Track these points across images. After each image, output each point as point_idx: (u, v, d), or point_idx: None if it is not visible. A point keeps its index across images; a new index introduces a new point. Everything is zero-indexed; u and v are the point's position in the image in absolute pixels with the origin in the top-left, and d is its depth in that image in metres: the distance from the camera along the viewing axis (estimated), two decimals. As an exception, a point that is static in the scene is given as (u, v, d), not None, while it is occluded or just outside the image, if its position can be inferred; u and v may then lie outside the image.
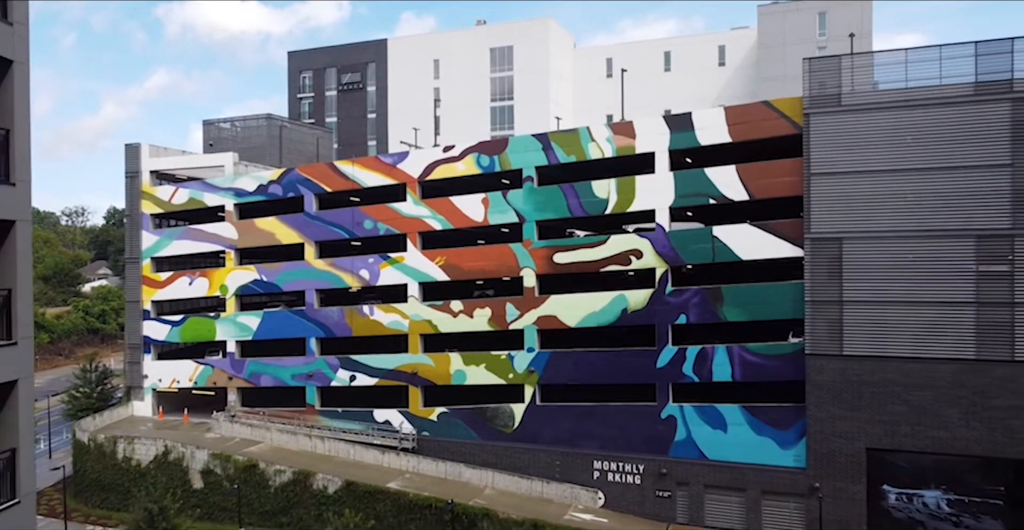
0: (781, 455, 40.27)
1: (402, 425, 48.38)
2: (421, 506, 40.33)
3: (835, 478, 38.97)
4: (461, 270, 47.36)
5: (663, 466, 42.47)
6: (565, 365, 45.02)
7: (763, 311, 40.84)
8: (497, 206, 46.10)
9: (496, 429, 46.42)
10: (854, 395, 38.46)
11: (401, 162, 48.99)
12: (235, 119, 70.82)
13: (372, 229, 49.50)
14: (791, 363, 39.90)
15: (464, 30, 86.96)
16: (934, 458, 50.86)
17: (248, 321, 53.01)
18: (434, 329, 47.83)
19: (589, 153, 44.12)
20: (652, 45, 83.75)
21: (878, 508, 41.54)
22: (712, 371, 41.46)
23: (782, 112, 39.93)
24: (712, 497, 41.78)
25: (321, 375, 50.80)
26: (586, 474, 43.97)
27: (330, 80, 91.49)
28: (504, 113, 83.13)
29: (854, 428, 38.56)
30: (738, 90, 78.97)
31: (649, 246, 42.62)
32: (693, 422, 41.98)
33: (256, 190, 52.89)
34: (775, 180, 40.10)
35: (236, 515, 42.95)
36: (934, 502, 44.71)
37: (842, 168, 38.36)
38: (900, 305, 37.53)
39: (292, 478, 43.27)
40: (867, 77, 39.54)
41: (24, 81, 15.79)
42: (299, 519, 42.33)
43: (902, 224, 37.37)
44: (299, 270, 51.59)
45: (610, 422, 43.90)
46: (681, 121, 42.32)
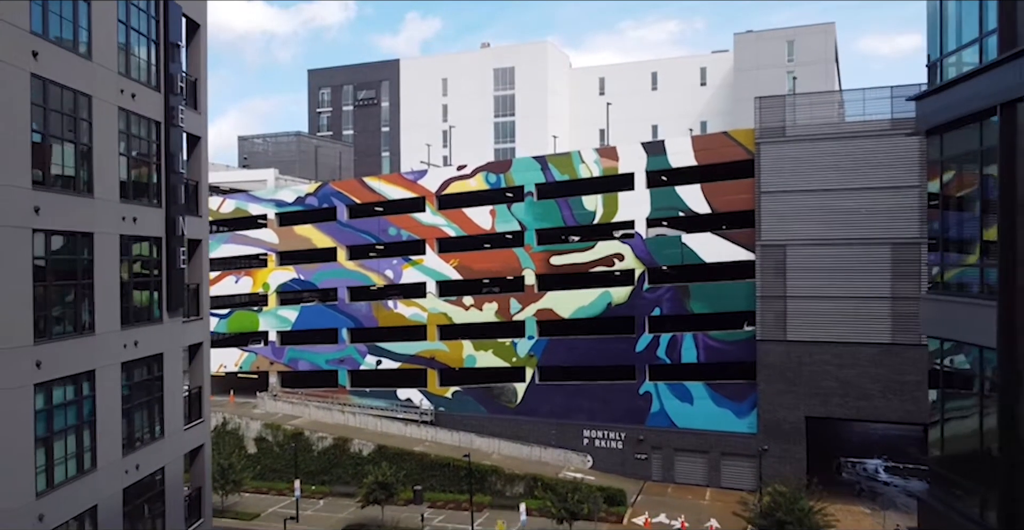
0: (737, 423, 48.60)
1: (421, 402, 56.84)
2: (441, 464, 48.89)
3: (780, 441, 47.25)
4: (472, 270, 55.78)
5: (641, 433, 50.82)
6: (560, 350, 53.33)
7: (722, 304, 49.10)
8: (503, 216, 54.49)
9: (502, 404, 54.84)
10: (795, 373, 46.76)
11: (421, 178, 57.46)
12: (267, 135, 79.24)
13: (395, 235, 57.88)
14: (745, 347, 48.18)
15: (470, 52, 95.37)
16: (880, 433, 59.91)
17: (287, 314, 61.43)
18: (449, 320, 56.20)
19: (580, 173, 52.55)
20: (640, 66, 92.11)
21: (830, 472, 49.95)
22: (681, 354, 49.57)
23: (738, 141, 48.39)
24: (681, 459, 50.13)
25: (352, 360, 59.28)
26: (577, 441, 52.35)
27: (347, 96, 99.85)
28: (506, 128, 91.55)
29: (795, 400, 46.87)
30: (718, 108, 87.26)
31: (629, 251, 51.03)
32: (665, 397, 50.37)
33: (295, 201, 61.34)
34: (732, 197, 48.46)
35: (284, 475, 51.43)
36: (873, 468, 53.43)
37: (786, 187, 46.55)
38: (832, 299, 45.71)
39: (332, 443, 51.83)
40: (808, 112, 48.02)
41: (206, 152, 24.39)
42: (339, 477, 50.87)
43: (834, 233, 45.47)
44: (332, 270, 59.98)
45: (597, 397, 52.23)
46: (656, 147, 50.83)
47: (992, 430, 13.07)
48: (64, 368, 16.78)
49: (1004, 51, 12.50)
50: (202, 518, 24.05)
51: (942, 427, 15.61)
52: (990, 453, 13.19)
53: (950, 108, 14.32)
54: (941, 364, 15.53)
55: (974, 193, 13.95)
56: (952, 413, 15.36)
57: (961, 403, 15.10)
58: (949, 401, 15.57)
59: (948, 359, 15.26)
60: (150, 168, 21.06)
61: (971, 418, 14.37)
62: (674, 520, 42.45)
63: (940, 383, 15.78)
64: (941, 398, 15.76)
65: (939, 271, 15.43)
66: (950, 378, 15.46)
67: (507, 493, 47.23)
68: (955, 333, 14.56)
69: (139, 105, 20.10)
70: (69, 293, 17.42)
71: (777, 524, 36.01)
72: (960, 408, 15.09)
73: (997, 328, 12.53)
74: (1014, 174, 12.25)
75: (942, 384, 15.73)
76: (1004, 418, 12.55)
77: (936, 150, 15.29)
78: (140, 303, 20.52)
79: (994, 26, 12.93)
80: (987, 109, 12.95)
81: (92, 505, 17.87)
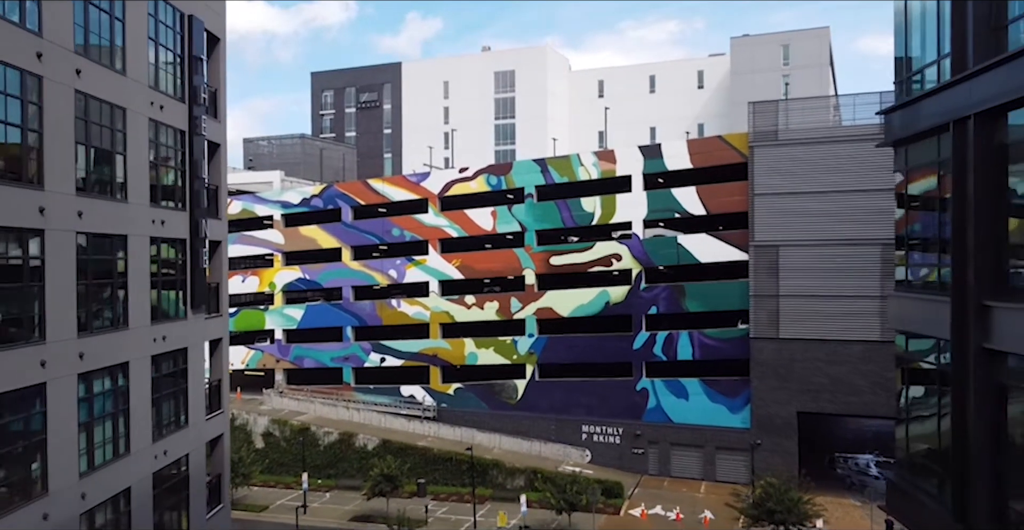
0: (731, 418, 50.09)
1: (424, 398, 58.32)
2: (444, 458, 50.36)
3: (773, 436, 48.74)
4: (474, 270, 57.24)
5: (638, 429, 52.30)
6: (559, 348, 54.78)
7: (717, 303, 50.60)
8: (504, 218, 55.95)
9: (503, 401, 56.30)
10: (787, 370, 48.21)
11: (424, 181, 58.93)
12: (272, 137, 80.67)
13: (399, 236, 59.35)
14: (739, 345, 49.68)
15: (471, 56, 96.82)
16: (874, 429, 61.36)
17: (293, 313, 62.89)
18: (451, 319, 57.66)
19: (579, 175, 54.03)
20: (638, 69, 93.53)
21: (823, 467, 51.36)
22: (677, 351, 51.06)
23: (732, 145, 49.88)
24: (677, 453, 51.63)
25: (356, 358, 60.75)
26: (576, 436, 53.80)
27: (349, 98, 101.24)
28: (507, 130, 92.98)
29: (787, 396, 48.34)
30: (715, 110, 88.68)
31: (627, 251, 52.50)
32: (662, 393, 51.85)
33: (300, 202, 62.81)
34: (726, 199, 49.94)
35: (291, 469, 52.90)
36: (865, 463, 54.82)
37: (778, 190, 48.07)
38: (823, 298, 47.17)
39: (338, 438, 53.30)
40: (800, 117, 49.50)
41: (225, 159, 25.84)
42: (344, 470, 52.33)
43: (824, 234, 46.89)
44: (337, 270, 61.46)
45: (595, 394, 53.66)
46: (652, 150, 52.31)
47: (947, 416, 14.51)
48: (103, 360, 18.24)
49: (956, 74, 13.96)
50: (221, 504, 25.51)
51: (907, 414, 17.08)
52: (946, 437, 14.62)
53: (912, 123, 15.79)
54: (906, 356, 16.99)
55: (933, 200, 15.41)
56: (915, 401, 16.82)
57: (922, 391, 16.56)
58: (913, 390, 17.04)
59: (912, 352, 16.72)
60: (176, 174, 22.52)
61: (931, 405, 15.83)
62: (669, 512, 43.89)
63: (905, 374, 17.25)
64: (907, 387, 17.23)
65: (904, 270, 16.90)
66: (913, 369, 16.93)
67: (508, 486, 48.69)
68: (917, 327, 16.02)
69: (166, 115, 21.56)
70: (106, 290, 18.88)
71: (768, 514, 37.49)
72: (922, 396, 16.56)
73: (951, 321, 13.99)
74: (964, 184, 13.70)
75: (907, 375, 17.20)
76: (956, 404, 14.00)
77: (902, 160, 16.76)
78: (167, 300, 21.97)
79: (948, 51, 14.39)
80: (942, 125, 14.41)
81: (126, 487, 19.33)
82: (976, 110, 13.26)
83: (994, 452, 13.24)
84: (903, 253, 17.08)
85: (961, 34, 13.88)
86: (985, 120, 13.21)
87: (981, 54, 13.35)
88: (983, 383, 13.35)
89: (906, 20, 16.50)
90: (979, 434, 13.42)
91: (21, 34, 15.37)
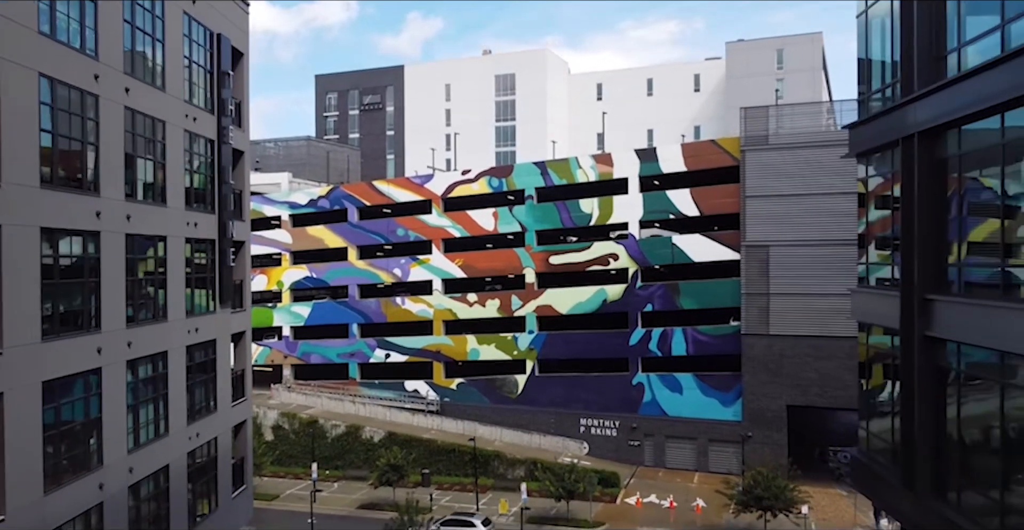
0: (723, 411, 52.12)
1: (428, 393, 60.35)
2: (447, 450, 52.39)
3: (763, 428, 50.74)
4: (476, 269, 59.26)
5: (634, 422, 54.31)
6: (558, 344, 56.81)
7: (710, 301, 52.62)
8: (505, 218, 57.96)
9: (504, 395, 58.30)
10: (777, 365, 50.23)
11: (427, 182, 60.95)
12: (279, 140, 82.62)
13: (403, 236, 61.36)
14: (731, 341, 51.66)
15: (472, 59, 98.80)
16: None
17: (300, 310, 64.92)
18: (454, 316, 59.69)
19: (577, 177, 56.06)
20: (636, 72, 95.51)
21: (813, 459, 53.36)
22: (671, 347, 53.07)
23: (724, 148, 51.90)
24: (671, 445, 53.67)
25: (362, 354, 62.78)
26: (574, 429, 55.84)
27: (353, 101, 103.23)
28: (507, 132, 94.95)
29: (777, 390, 50.34)
30: (711, 113, 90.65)
31: (624, 251, 54.52)
32: (657, 387, 53.86)
33: (307, 203, 64.82)
34: (719, 200, 51.95)
35: (300, 460, 54.89)
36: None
37: (769, 192, 50.03)
38: (811, 296, 49.06)
39: (345, 431, 55.33)
40: (790, 122, 51.51)
41: (247, 165, 27.84)
42: (351, 462, 54.37)
43: (812, 234, 48.79)
44: (343, 269, 63.48)
45: (593, 388, 55.74)
46: (648, 154, 54.33)
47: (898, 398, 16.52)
48: (146, 348, 20.26)
49: (904, 96, 15.96)
50: (245, 485, 27.53)
51: (867, 398, 19.10)
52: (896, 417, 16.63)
53: (870, 138, 17.80)
54: (867, 345, 19.01)
55: (887, 205, 17.42)
56: (874, 387, 18.84)
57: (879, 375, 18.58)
58: (873, 374, 19.06)
59: (870, 340, 18.73)
60: (206, 179, 24.53)
61: (886, 389, 17.85)
62: (663, 500, 45.88)
63: (867, 360, 19.26)
64: (868, 371, 19.25)
65: (864, 268, 18.92)
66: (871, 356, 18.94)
67: (509, 476, 50.71)
68: (873, 319, 18.03)
69: (199, 126, 23.57)
70: (149, 286, 20.89)
71: (755, 499, 39.52)
72: (878, 379, 18.58)
73: (900, 313, 16.00)
74: (911, 192, 15.70)
75: (868, 363, 19.21)
76: (904, 387, 16.00)
77: (863, 169, 18.78)
78: (199, 296, 23.98)
79: (899, 76, 16.40)
80: (894, 140, 16.41)
81: (165, 464, 21.35)
82: (920, 129, 15.27)
83: (936, 428, 15.24)
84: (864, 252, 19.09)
85: (909, 62, 15.88)
86: (927, 138, 15.22)
87: (924, 80, 15.35)
88: (925, 367, 15.36)
89: (867, 47, 18.53)
90: (923, 412, 15.42)
91: (82, 59, 17.38)
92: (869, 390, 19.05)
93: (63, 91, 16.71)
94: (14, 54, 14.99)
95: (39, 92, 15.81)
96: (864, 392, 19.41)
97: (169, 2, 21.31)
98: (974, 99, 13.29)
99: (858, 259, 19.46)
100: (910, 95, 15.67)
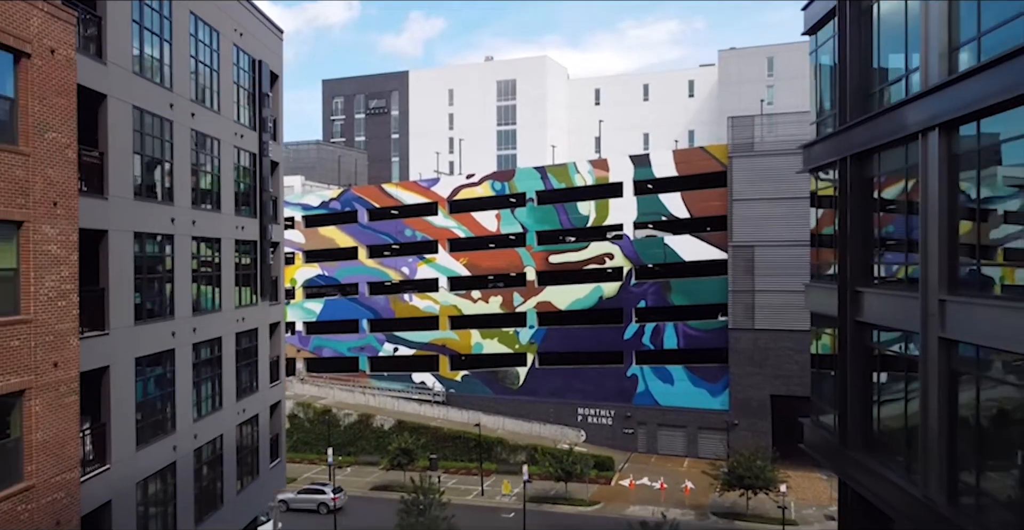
0: (711, 401, 55.65)
1: (434, 384, 63.87)
2: (453, 436, 55.94)
3: (749, 417, 54.29)
4: (479, 267, 62.78)
5: (628, 411, 57.85)
6: (557, 338, 60.36)
7: (699, 297, 56.15)
8: (507, 220, 61.48)
9: (506, 386, 61.83)
10: (761, 357, 53.74)
11: (434, 186, 64.47)
12: (289, 144, 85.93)
13: (411, 236, 64.88)
14: (718, 335, 55.21)
15: (474, 65, 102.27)
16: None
17: (313, 306, 68.39)
18: (459, 312, 63.22)
19: (575, 181, 59.59)
20: (632, 78, 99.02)
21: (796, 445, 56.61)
22: (663, 341, 56.67)
23: (713, 155, 55.45)
24: (663, 432, 57.21)
25: (371, 348, 66.28)
26: (572, 418, 59.37)
27: (359, 105, 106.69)
28: (508, 136, 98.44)
29: (761, 381, 53.81)
30: (705, 118, 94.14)
31: (619, 250, 58.05)
32: (650, 378, 57.41)
33: (320, 205, 68.30)
34: (708, 203, 55.49)
35: (315, 447, 58.41)
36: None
37: (754, 195, 53.55)
38: (793, 293, 52.05)
39: (357, 419, 58.87)
40: (775, 130, 55.02)
41: (281, 174, 31.35)
42: (363, 448, 57.90)
43: (794, 235, 52.09)
44: (354, 267, 66.97)
45: (589, 379, 59.22)
46: (642, 159, 57.88)
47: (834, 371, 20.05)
48: (206, 334, 23.78)
49: (839, 125, 19.49)
50: (279, 458, 31.08)
51: (817, 374, 22.64)
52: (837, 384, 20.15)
53: (819, 157, 21.33)
54: (817, 330, 22.53)
55: (831, 213, 20.94)
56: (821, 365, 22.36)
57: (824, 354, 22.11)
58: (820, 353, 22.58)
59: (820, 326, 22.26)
60: (249, 188, 28.05)
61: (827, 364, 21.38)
62: (655, 482, 49.36)
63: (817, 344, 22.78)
64: (817, 351, 22.77)
65: (816, 266, 22.45)
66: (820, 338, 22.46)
67: (511, 461, 54.23)
68: (821, 309, 21.56)
69: (244, 142, 27.09)
70: (208, 280, 24.42)
71: (738, 479, 43.07)
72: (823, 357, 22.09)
73: (837, 303, 19.52)
74: (847, 203, 19.21)
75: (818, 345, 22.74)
76: (839, 362, 19.53)
77: (814, 182, 22.31)
78: (244, 290, 27.51)
79: (837, 108, 19.94)
80: (834, 161, 19.94)
81: (220, 434, 24.87)
82: (852, 152, 18.80)
83: (864, 397, 18.76)
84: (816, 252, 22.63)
85: (843, 97, 19.41)
86: (857, 159, 18.75)
87: (856, 112, 18.88)
88: (856, 347, 18.90)
89: (817, 81, 22.08)
90: (854, 385, 18.95)
91: (161, 91, 20.91)
92: (818, 370, 22.59)
93: (148, 118, 20.22)
94: (118, 92, 18.51)
95: (132, 121, 19.33)
96: (815, 372, 22.96)
97: (224, 38, 24.83)
98: (887, 131, 16.83)
99: (810, 258, 23.00)
100: (845, 124, 19.20)
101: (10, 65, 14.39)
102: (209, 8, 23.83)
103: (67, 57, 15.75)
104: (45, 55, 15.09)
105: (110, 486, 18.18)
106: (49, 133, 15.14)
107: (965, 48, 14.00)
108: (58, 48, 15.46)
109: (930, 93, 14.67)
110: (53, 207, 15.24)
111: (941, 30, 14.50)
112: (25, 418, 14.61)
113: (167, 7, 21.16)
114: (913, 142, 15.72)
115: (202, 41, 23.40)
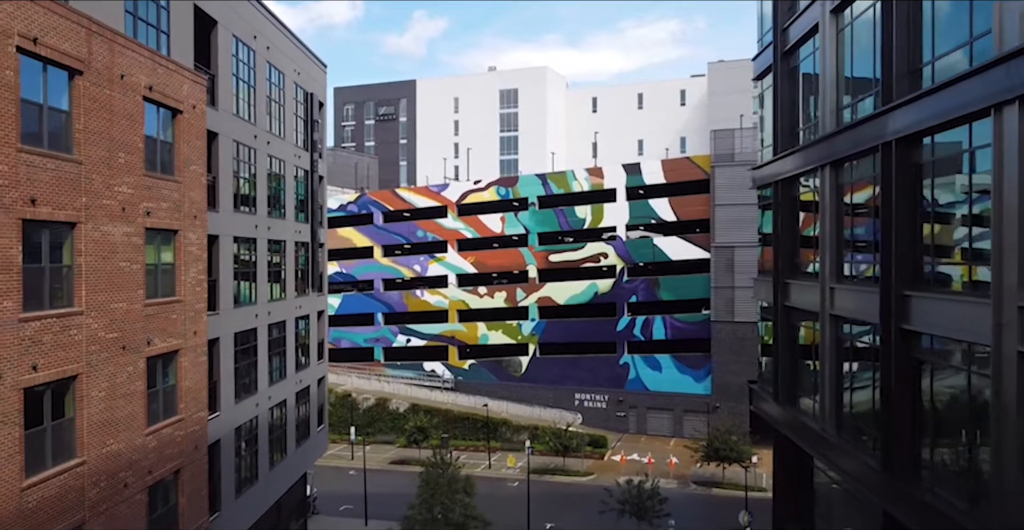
0: (696, 386, 61.68)
1: (444, 372, 69.79)
2: (463, 418, 61.89)
3: (729, 400, 60.13)
4: (485, 265, 68.70)
5: (620, 396, 63.85)
6: (556, 330, 66.35)
7: (685, 293, 62.22)
8: (511, 222, 67.44)
9: (509, 374, 67.79)
10: (740, 347, 59.67)
11: (444, 190, 70.38)
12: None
13: (422, 237, 70.77)
14: (702, 327, 61.28)
15: (478, 75, 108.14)
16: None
17: (332, 301, 74.24)
18: (466, 306, 69.14)
19: (573, 187, 65.53)
20: (627, 88, 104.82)
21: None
22: (652, 332, 62.77)
23: (698, 164, 61.39)
24: (652, 415, 63.23)
25: (386, 339, 72.18)
26: (569, 402, 65.34)
27: (368, 111, 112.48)
28: (510, 142, 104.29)
29: (740, 368, 59.56)
30: (695, 126, 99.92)
31: (612, 250, 64.01)
32: (640, 366, 63.40)
33: (338, 208, 74.13)
34: (693, 208, 61.48)
35: (336, 428, 64.20)
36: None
37: (734, 201, 59.40)
38: (769, 289, 58.78)
39: (375, 403, 64.80)
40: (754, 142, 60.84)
41: (324, 185, 37.31)
42: (380, 429, 63.82)
43: (770, 237, 58.57)
44: (369, 265, 72.85)
45: (585, 368, 65.22)
46: (634, 168, 63.83)
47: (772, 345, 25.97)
48: (277, 317, 29.70)
49: (775, 154, 25.40)
50: (323, 423, 37.00)
51: (761, 348, 28.59)
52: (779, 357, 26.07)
53: (761, 178, 27.26)
54: (762, 314, 28.46)
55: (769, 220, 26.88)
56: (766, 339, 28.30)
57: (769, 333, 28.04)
58: (764, 333, 28.51)
59: (765, 311, 28.20)
60: (304, 199, 33.97)
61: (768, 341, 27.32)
62: (643, 457, 55.34)
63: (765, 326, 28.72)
64: (765, 331, 28.71)
65: (760, 263, 28.40)
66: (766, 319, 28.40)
67: (515, 439, 60.16)
68: (762, 298, 27.50)
69: (300, 161, 33.00)
70: (277, 274, 30.35)
71: (715, 451, 49.01)
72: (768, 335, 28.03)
73: (772, 292, 25.45)
74: (778, 215, 25.12)
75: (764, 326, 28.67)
76: (775, 338, 25.46)
77: (759, 198, 28.24)
78: (300, 282, 33.43)
79: (773, 139, 25.88)
80: (770, 183, 25.86)
81: (284, 398, 30.80)
82: (780, 177, 24.73)
83: (792, 361, 24.68)
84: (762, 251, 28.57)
85: (776, 134, 25.35)
86: (785, 183, 24.69)
87: (786, 143, 24.82)
88: (785, 325, 24.85)
89: (762, 116, 28.01)
90: (783, 353, 24.88)
91: (248, 125, 26.83)
92: (762, 346, 28.56)
93: (241, 148, 26.14)
94: (225, 130, 24.44)
95: (232, 150, 25.24)
96: (762, 345, 28.92)
97: (288, 78, 30.75)
98: (804, 162, 22.77)
99: (758, 257, 28.96)
100: (778, 154, 25.14)
101: (170, 119, 20.30)
102: (279, 55, 29.74)
103: (201, 110, 21.68)
104: (189, 110, 21.01)
105: (219, 428, 24.10)
106: (192, 166, 21.07)
107: (846, 109, 19.98)
108: (197, 104, 21.39)
109: (820, 142, 20.66)
110: (194, 219, 21.17)
111: (831, 92, 20.47)
112: (179, 370, 20.54)
113: (253, 59, 27.08)
114: (818, 172, 21.68)
115: (274, 83, 29.32)
